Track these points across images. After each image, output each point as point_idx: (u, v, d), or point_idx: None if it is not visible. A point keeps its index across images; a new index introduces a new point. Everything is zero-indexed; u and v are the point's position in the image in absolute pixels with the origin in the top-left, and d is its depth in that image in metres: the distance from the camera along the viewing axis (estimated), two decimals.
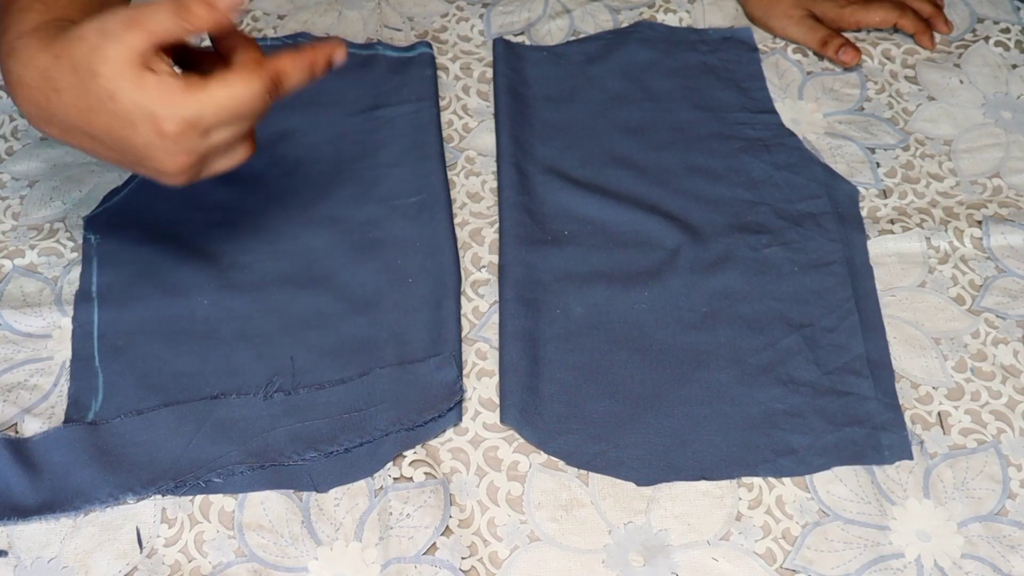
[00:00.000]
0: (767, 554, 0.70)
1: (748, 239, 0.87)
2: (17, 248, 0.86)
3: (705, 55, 1.03)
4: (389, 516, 0.71)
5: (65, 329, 0.81)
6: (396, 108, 0.96)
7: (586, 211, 0.88)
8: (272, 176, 0.91)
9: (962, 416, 0.77)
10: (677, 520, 0.72)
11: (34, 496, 0.71)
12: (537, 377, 0.78)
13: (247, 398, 0.76)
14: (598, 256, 0.85)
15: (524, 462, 0.75)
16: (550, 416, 0.76)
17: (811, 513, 0.72)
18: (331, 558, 0.70)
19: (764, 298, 0.83)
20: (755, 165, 0.92)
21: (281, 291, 0.83)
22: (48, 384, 0.78)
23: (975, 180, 0.93)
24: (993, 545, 0.71)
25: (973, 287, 0.85)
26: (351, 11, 1.07)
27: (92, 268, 0.84)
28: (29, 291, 0.83)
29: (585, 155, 0.93)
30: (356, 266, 0.85)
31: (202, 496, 0.73)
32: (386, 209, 0.88)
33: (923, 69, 1.02)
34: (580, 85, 1.00)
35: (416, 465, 0.74)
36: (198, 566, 0.70)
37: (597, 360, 0.79)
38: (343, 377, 0.78)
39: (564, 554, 0.70)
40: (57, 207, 0.89)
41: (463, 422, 0.77)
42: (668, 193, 0.90)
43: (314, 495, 0.73)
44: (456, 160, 0.94)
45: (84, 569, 0.69)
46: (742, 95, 0.99)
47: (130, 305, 0.82)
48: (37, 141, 0.94)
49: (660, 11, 1.08)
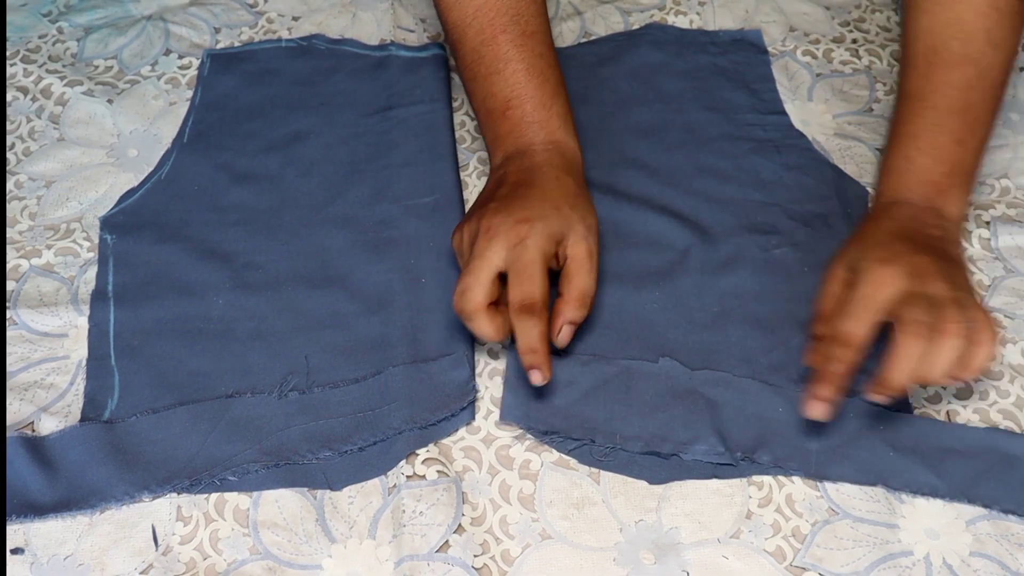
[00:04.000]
0: (777, 552, 0.71)
1: (758, 239, 0.87)
2: (34, 248, 0.87)
3: (715, 57, 1.03)
4: (402, 514, 0.72)
5: (81, 328, 0.82)
6: (409, 109, 0.97)
7: (597, 211, 0.88)
8: (286, 176, 0.92)
9: (971, 416, 0.78)
10: (688, 518, 0.72)
11: (50, 494, 0.71)
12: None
13: (262, 397, 0.77)
14: (609, 256, 0.86)
15: (536, 460, 0.75)
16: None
17: (821, 511, 0.72)
18: (345, 556, 0.70)
19: (774, 298, 0.83)
20: (765, 166, 0.93)
21: (296, 290, 0.84)
22: (64, 383, 0.79)
23: (983, 181, 0.93)
24: (1001, 543, 0.71)
25: (981, 287, 0.85)
26: (365, 12, 1.08)
27: (108, 268, 0.85)
28: (46, 291, 0.84)
29: (596, 156, 0.93)
30: (370, 266, 0.85)
31: (217, 494, 0.73)
32: (399, 209, 0.89)
33: None
34: (591, 87, 1.00)
35: (429, 463, 0.74)
36: (213, 564, 0.70)
37: (609, 360, 0.80)
38: (357, 376, 0.78)
39: (575, 552, 0.71)
40: (73, 207, 0.90)
41: (475, 421, 0.77)
42: (679, 194, 0.90)
43: (328, 493, 0.73)
44: (468, 161, 0.95)
45: (100, 566, 0.70)
46: (752, 96, 0.99)
47: (146, 304, 0.82)
48: (54, 142, 0.95)
49: (671, 13, 1.08)
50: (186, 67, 1.03)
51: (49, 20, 1.08)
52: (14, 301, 0.83)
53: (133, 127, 0.97)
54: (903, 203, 0.79)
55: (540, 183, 0.78)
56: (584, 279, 0.75)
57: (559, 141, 0.82)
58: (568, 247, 0.76)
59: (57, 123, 0.97)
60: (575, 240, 0.76)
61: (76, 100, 0.99)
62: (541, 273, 0.73)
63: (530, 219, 0.74)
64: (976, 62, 0.79)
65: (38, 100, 0.99)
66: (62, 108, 0.99)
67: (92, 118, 0.98)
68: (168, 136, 0.96)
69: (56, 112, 0.98)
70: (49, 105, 0.99)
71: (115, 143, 0.96)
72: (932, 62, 0.80)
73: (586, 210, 0.78)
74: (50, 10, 1.09)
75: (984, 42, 0.79)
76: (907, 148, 0.80)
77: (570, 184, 0.79)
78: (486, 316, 0.72)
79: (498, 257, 0.73)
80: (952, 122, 0.79)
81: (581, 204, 0.78)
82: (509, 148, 0.83)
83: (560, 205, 0.76)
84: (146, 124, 0.97)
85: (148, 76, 1.02)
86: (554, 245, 0.75)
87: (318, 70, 1.01)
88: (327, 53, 1.03)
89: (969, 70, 0.79)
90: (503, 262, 0.73)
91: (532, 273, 0.72)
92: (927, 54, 0.81)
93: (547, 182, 0.78)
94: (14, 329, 0.81)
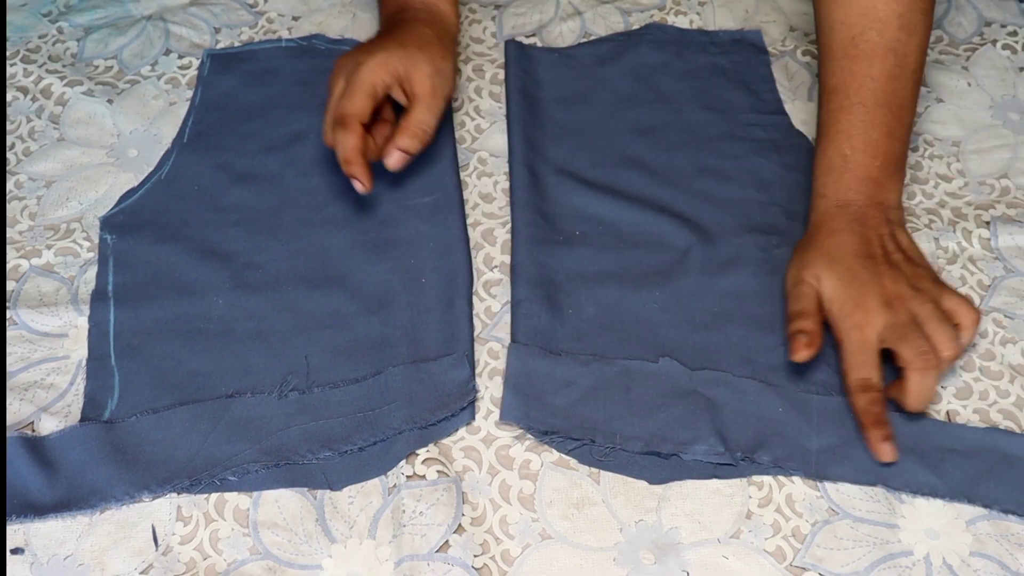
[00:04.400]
0: (777, 552, 0.71)
1: (758, 239, 0.87)
2: (34, 248, 0.87)
3: (715, 57, 1.03)
4: (402, 514, 0.72)
5: (81, 328, 0.82)
6: None
7: (597, 212, 0.88)
8: (286, 176, 0.92)
9: (970, 415, 0.78)
10: (688, 518, 0.72)
11: (50, 494, 0.71)
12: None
13: (262, 397, 0.77)
14: (610, 256, 0.86)
15: (536, 460, 0.75)
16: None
17: (821, 511, 0.73)
18: (345, 556, 0.70)
19: (774, 298, 0.83)
20: (765, 166, 0.93)
21: (296, 290, 0.84)
22: (64, 383, 0.79)
23: (983, 181, 0.93)
24: (1001, 543, 0.71)
25: (981, 287, 0.85)
26: (365, 13, 1.08)
27: (108, 268, 0.85)
28: (46, 291, 0.84)
29: (596, 156, 0.93)
30: (370, 266, 0.85)
31: (217, 494, 0.73)
32: (400, 209, 0.89)
33: (931, 71, 1.03)
34: (591, 87, 1.00)
35: (429, 463, 0.74)
36: (213, 564, 0.70)
37: (609, 360, 0.80)
38: (357, 376, 0.78)
39: (575, 552, 0.71)
40: (73, 207, 0.90)
41: (475, 421, 0.77)
42: (679, 194, 0.91)
43: (328, 493, 0.73)
44: (468, 161, 0.95)
45: (100, 567, 0.70)
46: (752, 97, 0.99)
47: (146, 304, 0.82)
48: (54, 142, 0.95)
49: (670, 13, 1.08)
50: (186, 67, 1.03)
51: (49, 20, 1.08)
52: (14, 301, 0.83)
53: (133, 127, 0.97)
54: (848, 204, 0.82)
55: (397, 31, 0.88)
56: (422, 113, 0.84)
57: (432, 5, 0.93)
58: (414, 84, 0.84)
59: (57, 123, 0.97)
60: (420, 78, 0.84)
61: (76, 100, 0.99)
62: (363, 93, 0.82)
63: (371, 51, 0.84)
64: (895, 51, 0.81)
65: (38, 100, 0.99)
66: (62, 108, 0.99)
67: (92, 118, 0.98)
68: (168, 136, 0.96)
69: (56, 112, 0.98)
70: (49, 105, 0.99)
71: (115, 143, 0.96)
72: (853, 55, 0.82)
73: (439, 57, 0.86)
74: (50, 10, 1.09)
75: (898, 28, 0.81)
76: (842, 146, 0.82)
77: (427, 33, 0.88)
78: (331, 130, 0.83)
79: (339, 87, 0.84)
80: (881, 115, 0.81)
81: (434, 51, 0.86)
82: (390, 7, 0.94)
83: (407, 45, 0.85)
84: (146, 124, 0.97)
85: (148, 76, 1.02)
86: (391, 76, 0.84)
87: (318, 70, 1.01)
88: (327, 53, 1.03)
89: (889, 60, 0.81)
90: (341, 89, 0.84)
91: (353, 92, 0.82)
92: (847, 46, 0.82)
93: (403, 29, 0.88)
94: (14, 329, 0.82)
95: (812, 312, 0.77)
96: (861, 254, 0.78)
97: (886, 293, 0.76)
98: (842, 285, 0.77)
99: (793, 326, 0.77)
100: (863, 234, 0.80)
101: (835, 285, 0.77)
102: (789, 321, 0.78)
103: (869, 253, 0.79)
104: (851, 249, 0.79)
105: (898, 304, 0.75)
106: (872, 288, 0.76)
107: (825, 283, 0.78)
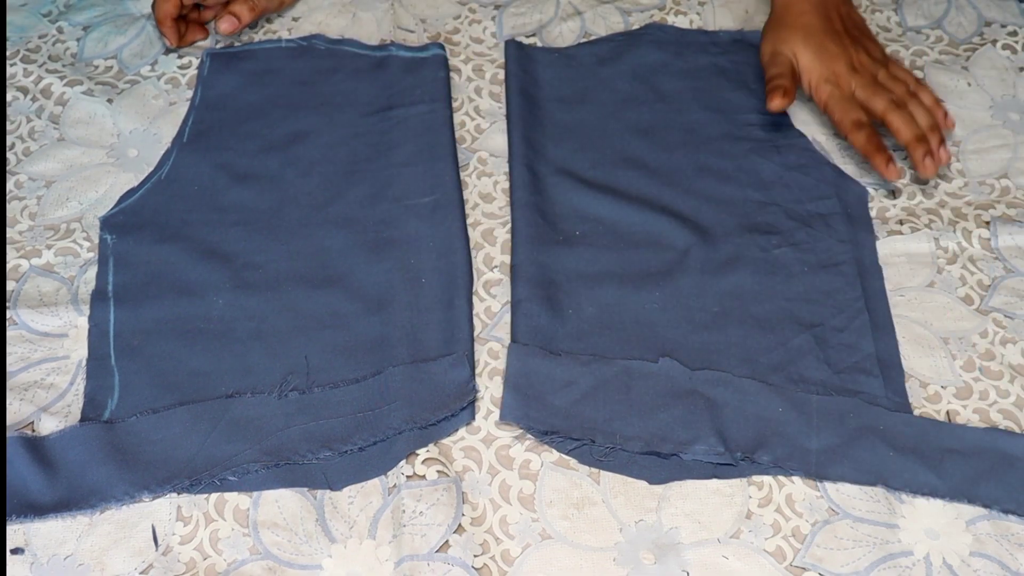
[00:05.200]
0: (777, 552, 0.71)
1: (758, 239, 0.87)
2: (34, 248, 0.87)
3: (715, 57, 1.03)
4: (402, 514, 0.72)
5: (81, 328, 0.82)
6: (409, 109, 0.97)
7: (597, 211, 0.88)
8: (286, 176, 0.92)
9: (970, 415, 0.78)
10: (688, 518, 0.72)
11: (50, 494, 0.71)
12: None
13: (262, 397, 0.77)
14: (610, 256, 0.86)
15: (536, 460, 0.75)
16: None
17: (820, 511, 0.73)
18: (345, 556, 0.70)
19: (774, 298, 0.83)
20: (765, 166, 0.93)
21: (295, 290, 0.84)
22: (64, 383, 0.79)
23: (983, 181, 0.93)
24: (1001, 543, 0.71)
25: (981, 287, 0.85)
26: (365, 13, 1.08)
27: (108, 268, 0.85)
28: (46, 291, 0.84)
29: (596, 156, 0.93)
30: (370, 266, 0.85)
31: (217, 494, 0.73)
32: (399, 209, 0.89)
33: (932, 71, 1.03)
34: (591, 87, 1.00)
35: (429, 463, 0.74)
36: (213, 564, 0.70)
37: (609, 360, 0.80)
38: (357, 376, 0.78)
39: (575, 552, 0.71)
40: (73, 207, 0.90)
41: (475, 421, 0.77)
42: (679, 194, 0.91)
43: (328, 493, 0.73)
44: (468, 161, 0.95)
45: (100, 567, 0.70)
46: (752, 96, 0.99)
47: (146, 304, 0.82)
48: (54, 142, 0.95)
49: (671, 13, 1.08)
50: (186, 67, 1.03)
51: (49, 20, 1.08)
52: (14, 301, 0.83)
53: (133, 127, 0.97)
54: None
55: None
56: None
57: None
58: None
59: (57, 123, 0.97)
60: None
61: (76, 100, 0.99)
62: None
63: None
64: None
65: (38, 100, 0.99)
66: (62, 108, 0.99)
67: (92, 118, 0.98)
68: (168, 136, 0.96)
69: (56, 112, 0.98)
70: (49, 105, 0.99)
71: (115, 143, 0.96)
72: None
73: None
74: (50, 10, 1.09)
75: None
76: None
77: None
78: (172, 25, 1.02)
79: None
80: None
81: None
82: None
83: None
84: (146, 124, 0.97)
85: (148, 76, 1.02)
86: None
87: (318, 70, 1.01)
88: (327, 53, 1.03)
89: None
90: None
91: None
92: None
93: None
94: (14, 329, 0.82)
95: (788, 75, 0.93)
96: (829, 31, 0.95)
97: (852, 61, 0.94)
98: (817, 57, 0.94)
99: (773, 82, 0.92)
100: (827, 14, 0.97)
101: (811, 57, 0.94)
102: (768, 80, 0.93)
103: (834, 29, 0.96)
104: (820, 27, 0.95)
105: (862, 69, 0.94)
106: (842, 58, 0.93)
107: (802, 56, 0.94)
